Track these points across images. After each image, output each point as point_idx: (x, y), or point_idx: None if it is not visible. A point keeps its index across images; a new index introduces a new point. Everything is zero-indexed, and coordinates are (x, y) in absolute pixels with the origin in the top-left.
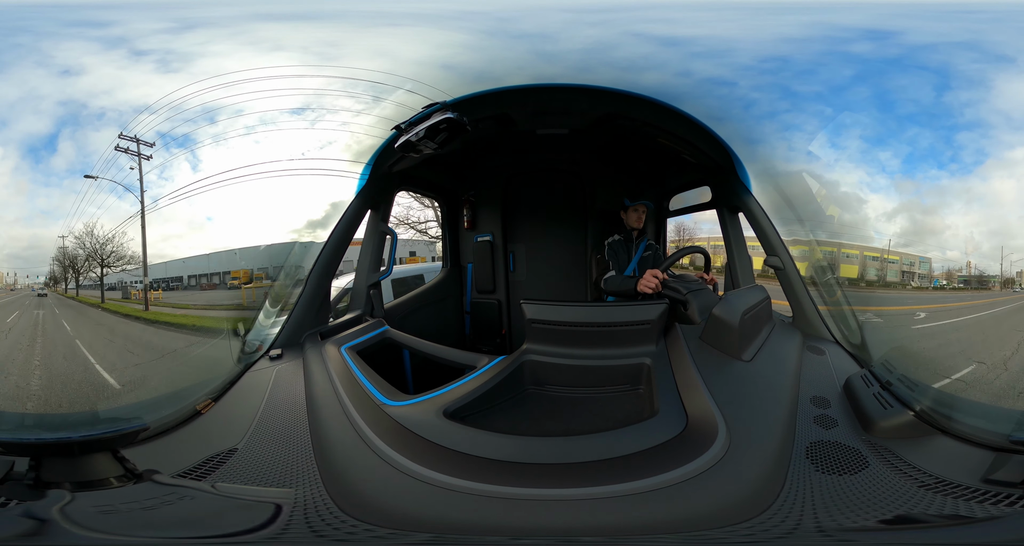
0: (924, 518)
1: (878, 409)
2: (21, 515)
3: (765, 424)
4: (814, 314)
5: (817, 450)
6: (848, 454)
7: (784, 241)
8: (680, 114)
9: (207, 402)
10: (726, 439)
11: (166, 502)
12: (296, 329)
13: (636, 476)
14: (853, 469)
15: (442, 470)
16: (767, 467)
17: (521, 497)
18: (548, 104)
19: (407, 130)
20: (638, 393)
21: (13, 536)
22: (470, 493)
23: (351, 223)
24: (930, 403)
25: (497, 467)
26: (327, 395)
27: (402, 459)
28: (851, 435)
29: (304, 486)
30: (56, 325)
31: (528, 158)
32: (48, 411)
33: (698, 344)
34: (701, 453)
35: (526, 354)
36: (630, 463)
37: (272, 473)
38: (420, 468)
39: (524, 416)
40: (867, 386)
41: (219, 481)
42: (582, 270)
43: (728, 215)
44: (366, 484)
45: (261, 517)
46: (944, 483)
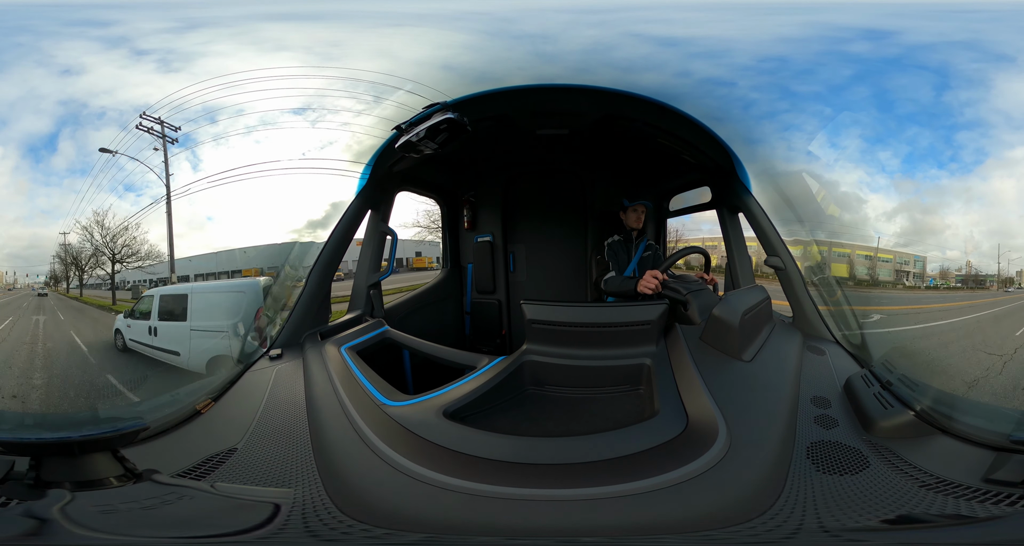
0: (926, 518)
1: (878, 409)
2: (22, 515)
3: (765, 424)
4: (814, 314)
5: (818, 450)
6: (849, 454)
7: (784, 241)
8: (680, 114)
9: (207, 402)
10: (726, 439)
11: (166, 502)
12: (296, 329)
13: (637, 476)
14: (854, 469)
15: (442, 470)
16: (768, 467)
17: (520, 497)
18: (548, 105)
19: (407, 130)
20: (638, 393)
21: (14, 536)
22: (469, 493)
23: (351, 223)
24: (930, 403)
25: (497, 467)
26: (327, 395)
27: (401, 459)
28: (852, 435)
29: (303, 486)
30: (64, 338)
31: (528, 159)
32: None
33: (698, 344)
34: (701, 453)
35: (526, 354)
36: (630, 463)
37: (271, 473)
38: (419, 468)
39: (524, 416)
40: (867, 386)
41: (218, 481)
42: (582, 271)
43: (728, 215)
44: (365, 484)
45: (258, 517)
46: (945, 483)
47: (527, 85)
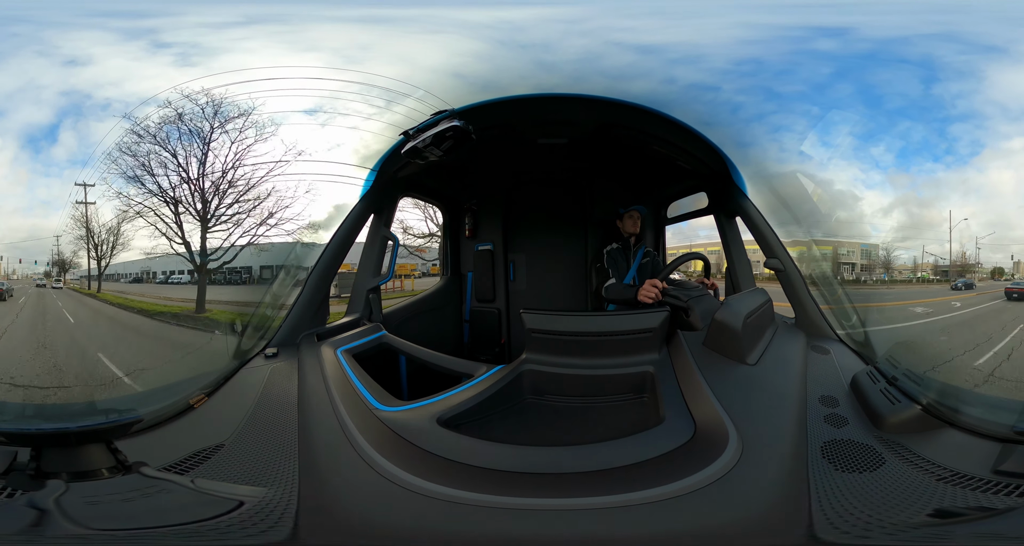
0: (959, 511)
1: (886, 405)
2: (26, 505)
3: (776, 426)
4: (816, 314)
5: (832, 449)
6: (863, 451)
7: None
8: (671, 121)
9: (200, 397)
10: (738, 444)
11: (146, 495)
12: (293, 329)
13: (642, 485)
14: (871, 466)
15: (427, 477)
16: (784, 469)
17: (508, 507)
18: (548, 114)
19: (415, 136)
20: (642, 401)
21: (21, 530)
22: (453, 501)
23: (354, 226)
24: (936, 396)
25: (490, 476)
26: (319, 396)
27: (386, 463)
28: (863, 432)
29: (279, 485)
30: None
31: (529, 168)
32: None
33: (702, 350)
34: (713, 459)
35: (525, 363)
36: (636, 472)
37: (254, 471)
38: (404, 473)
39: (522, 426)
40: (873, 382)
41: (201, 476)
42: (582, 280)
43: (725, 219)
44: (342, 487)
45: (213, 512)
46: (959, 476)
47: (529, 94)
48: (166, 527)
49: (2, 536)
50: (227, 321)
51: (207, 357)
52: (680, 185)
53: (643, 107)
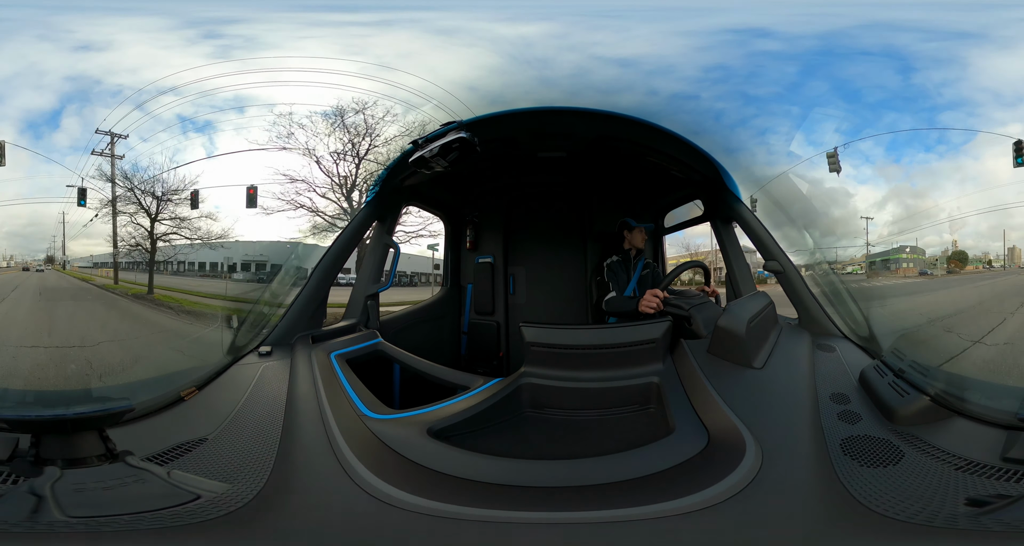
0: (989, 500)
1: (896, 398)
2: (27, 492)
3: (793, 428)
4: (819, 312)
5: (851, 446)
6: (881, 446)
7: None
8: (661, 131)
9: (191, 390)
10: (757, 449)
11: (124, 484)
12: (289, 329)
13: (657, 499)
14: (892, 460)
15: (410, 489)
16: (810, 470)
17: (498, 520)
18: (548, 127)
19: (423, 145)
20: (649, 412)
21: (26, 516)
22: (435, 515)
23: (357, 231)
24: (942, 386)
25: (478, 489)
26: (308, 399)
27: (366, 473)
28: (877, 427)
29: (246, 484)
30: None
31: (529, 181)
32: None
33: (707, 357)
34: (734, 466)
35: (524, 377)
36: (648, 484)
37: (231, 467)
38: (383, 484)
39: (520, 439)
40: (881, 376)
41: (179, 469)
42: (582, 294)
43: (722, 226)
44: (311, 491)
45: (166, 503)
46: (973, 464)
47: (531, 108)
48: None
49: (10, 524)
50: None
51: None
52: (675, 194)
53: (634, 118)
